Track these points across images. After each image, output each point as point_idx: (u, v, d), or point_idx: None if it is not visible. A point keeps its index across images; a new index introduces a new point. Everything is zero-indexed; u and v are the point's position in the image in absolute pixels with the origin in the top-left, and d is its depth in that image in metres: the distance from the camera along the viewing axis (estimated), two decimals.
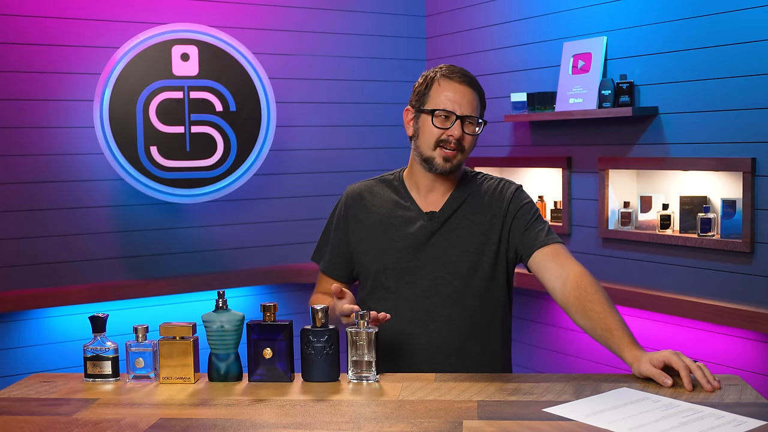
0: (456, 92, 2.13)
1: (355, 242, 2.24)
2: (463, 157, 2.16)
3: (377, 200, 2.24)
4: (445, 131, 2.12)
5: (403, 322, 2.14)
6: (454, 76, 2.15)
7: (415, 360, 2.14)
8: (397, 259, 2.16)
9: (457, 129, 2.12)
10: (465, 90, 2.14)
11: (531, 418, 1.64)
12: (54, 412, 1.75)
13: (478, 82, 2.20)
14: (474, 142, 2.17)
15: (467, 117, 2.13)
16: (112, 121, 3.68)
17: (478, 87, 2.17)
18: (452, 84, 2.14)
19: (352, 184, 2.31)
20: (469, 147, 2.16)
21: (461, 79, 2.14)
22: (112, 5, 3.86)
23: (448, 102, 2.13)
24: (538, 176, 4.06)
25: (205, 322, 1.95)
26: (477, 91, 2.16)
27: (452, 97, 2.13)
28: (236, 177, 3.92)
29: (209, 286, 3.96)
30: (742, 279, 3.15)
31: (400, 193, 2.23)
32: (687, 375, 1.80)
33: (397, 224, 2.19)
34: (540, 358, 4.06)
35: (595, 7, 3.67)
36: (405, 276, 2.15)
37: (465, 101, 2.13)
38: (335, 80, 4.40)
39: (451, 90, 2.13)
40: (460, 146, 2.13)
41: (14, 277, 3.72)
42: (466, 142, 2.14)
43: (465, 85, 2.14)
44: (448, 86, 2.14)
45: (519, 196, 2.21)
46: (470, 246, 2.15)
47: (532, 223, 2.17)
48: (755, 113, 3.09)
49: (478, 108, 2.16)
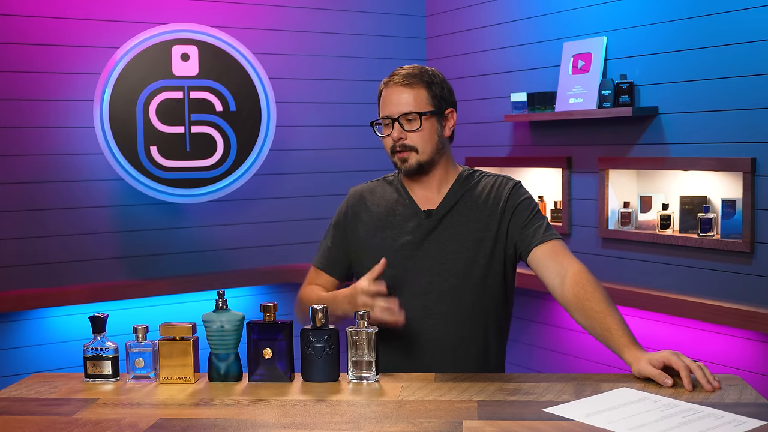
0: (390, 96, 2.16)
1: (355, 241, 2.24)
2: (424, 156, 2.15)
3: (377, 199, 2.25)
4: (389, 137, 2.15)
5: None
6: (389, 81, 2.18)
7: (411, 356, 2.14)
8: (395, 257, 2.16)
9: (396, 131, 2.14)
10: (398, 90, 2.15)
11: (531, 418, 1.64)
12: (54, 412, 1.75)
13: (423, 73, 2.16)
14: (426, 137, 2.15)
15: (402, 116, 2.13)
16: (112, 121, 3.68)
17: (416, 82, 2.14)
18: (387, 89, 2.17)
19: (354, 186, 2.33)
20: (422, 143, 2.15)
21: (396, 80, 2.16)
22: (112, 5, 3.86)
23: (384, 108, 2.17)
24: (538, 176, 4.06)
25: (205, 322, 1.95)
26: (414, 85, 2.14)
27: (387, 101, 2.16)
28: (236, 177, 3.92)
29: (209, 286, 3.96)
30: (742, 279, 3.15)
31: (399, 192, 2.24)
32: (687, 375, 1.80)
33: (396, 222, 2.19)
34: (540, 358, 4.06)
35: (595, 7, 3.67)
36: (402, 273, 2.16)
37: (397, 101, 2.14)
38: (335, 80, 4.40)
39: (387, 95, 2.17)
40: (408, 146, 2.14)
41: (14, 277, 3.72)
42: (412, 140, 2.14)
43: (398, 86, 2.15)
44: (385, 93, 2.18)
45: (517, 191, 2.20)
46: (467, 243, 2.15)
47: (531, 219, 2.16)
48: (755, 113, 3.09)
49: (422, 100, 2.14)
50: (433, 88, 2.16)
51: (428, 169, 2.18)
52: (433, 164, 2.18)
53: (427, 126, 2.14)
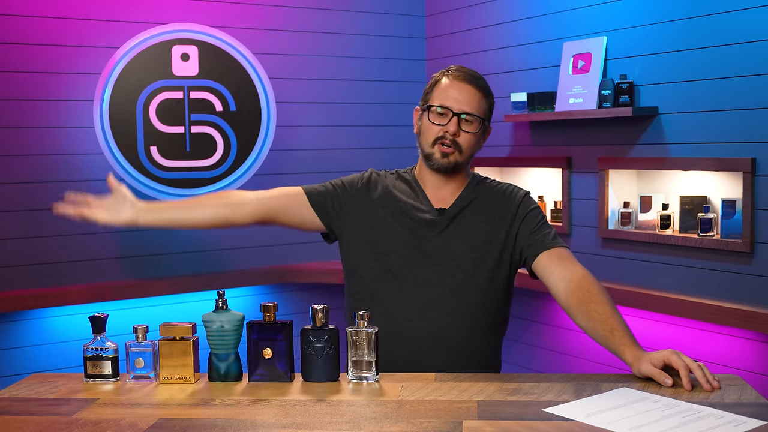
0: (456, 90, 2.15)
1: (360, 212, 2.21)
2: (462, 157, 2.17)
3: (393, 187, 2.24)
4: (441, 127, 2.13)
5: (404, 309, 2.15)
6: (458, 75, 2.17)
7: (408, 347, 2.14)
8: (403, 243, 2.16)
9: (453, 125, 2.13)
10: (466, 87, 2.15)
11: (531, 418, 1.64)
12: (54, 412, 1.75)
13: (487, 84, 2.20)
14: (474, 142, 2.18)
15: (466, 114, 2.14)
16: (112, 121, 3.68)
17: (483, 88, 2.18)
18: (454, 82, 2.16)
19: (374, 169, 2.31)
20: (468, 147, 2.16)
21: (464, 77, 2.16)
22: (112, 5, 3.86)
23: (447, 99, 2.15)
24: (538, 176, 4.06)
25: (205, 322, 1.95)
26: (482, 90, 2.17)
27: (452, 94, 2.15)
28: (236, 177, 3.92)
29: (209, 286, 3.96)
30: (742, 279, 3.15)
31: (413, 188, 2.24)
32: (686, 374, 1.80)
33: (408, 213, 2.19)
34: (540, 358, 4.06)
35: (595, 7, 3.67)
36: (409, 262, 2.16)
37: (464, 99, 2.14)
38: (335, 80, 4.40)
39: (452, 87, 2.16)
40: (457, 144, 2.14)
41: (14, 277, 3.72)
42: (462, 140, 2.15)
43: (467, 83, 2.16)
44: (450, 84, 2.17)
45: (528, 201, 2.24)
46: (476, 243, 2.16)
47: (540, 227, 2.19)
48: (755, 113, 3.09)
49: (483, 108, 2.17)
50: (490, 99, 2.20)
51: (457, 171, 2.20)
52: (461, 168, 2.20)
53: (479, 133, 2.17)
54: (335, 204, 2.25)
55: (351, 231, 2.23)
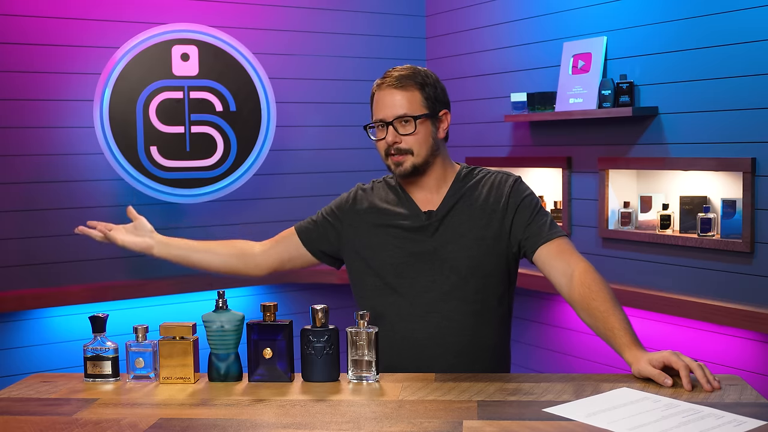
0: (382, 99, 2.14)
1: (353, 234, 2.23)
2: (419, 158, 2.14)
3: (381, 199, 2.24)
4: (383, 141, 2.13)
5: (406, 318, 2.14)
6: (381, 83, 2.16)
7: (413, 355, 2.14)
8: (396, 255, 2.16)
9: (390, 135, 2.12)
10: (389, 92, 2.13)
11: (531, 418, 1.64)
12: (54, 412, 1.75)
13: (417, 74, 2.14)
14: (422, 139, 2.13)
15: (397, 118, 2.11)
16: (112, 121, 3.68)
17: (409, 84, 2.12)
18: (378, 93, 2.16)
19: (361, 183, 2.32)
20: (418, 146, 2.13)
21: (387, 83, 2.13)
22: (112, 5, 3.86)
23: (378, 112, 2.14)
24: (538, 176, 4.06)
25: (205, 322, 1.95)
26: (408, 88, 2.12)
27: (380, 105, 2.14)
28: (236, 177, 3.92)
29: (209, 286, 3.96)
30: (742, 279, 3.15)
31: (398, 194, 2.23)
32: (686, 375, 1.80)
33: (397, 222, 2.19)
34: (540, 358, 4.06)
35: (595, 7, 3.67)
36: (404, 272, 2.15)
37: (391, 104, 2.12)
38: (335, 80, 4.40)
39: (379, 99, 2.15)
40: (404, 149, 2.12)
41: (14, 277, 3.71)
42: (407, 143, 2.12)
43: (390, 88, 2.13)
44: (377, 96, 2.16)
45: (518, 188, 2.19)
46: (468, 242, 2.15)
47: (535, 217, 2.16)
48: (755, 113, 3.09)
49: (417, 102, 2.12)
50: (426, 90, 2.14)
51: (423, 171, 2.17)
52: (428, 166, 2.17)
53: (422, 129, 2.13)
54: (331, 236, 2.27)
55: (348, 253, 2.25)
